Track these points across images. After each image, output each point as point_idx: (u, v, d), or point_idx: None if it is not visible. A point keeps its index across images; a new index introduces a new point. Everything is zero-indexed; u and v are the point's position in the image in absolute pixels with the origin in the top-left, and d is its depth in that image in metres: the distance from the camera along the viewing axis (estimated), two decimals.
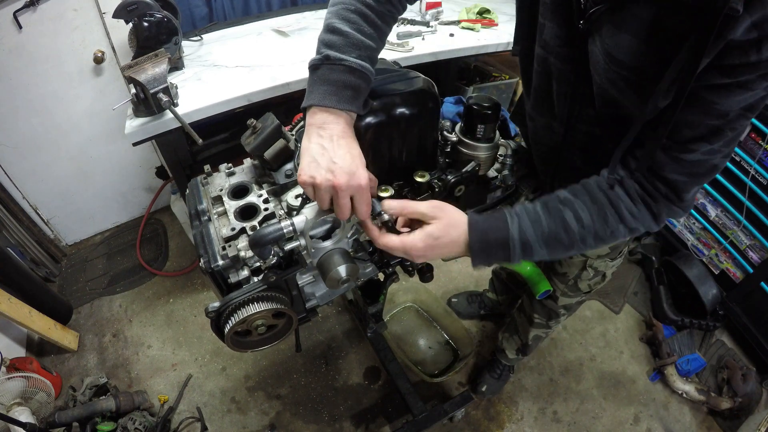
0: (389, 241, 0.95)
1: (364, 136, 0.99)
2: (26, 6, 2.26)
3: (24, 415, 2.07)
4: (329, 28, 0.98)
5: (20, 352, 2.51)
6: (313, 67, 0.97)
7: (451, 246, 0.95)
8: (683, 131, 0.85)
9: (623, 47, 0.86)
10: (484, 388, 2.37)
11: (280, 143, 1.11)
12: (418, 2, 2.72)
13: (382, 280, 1.31)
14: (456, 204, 0.98)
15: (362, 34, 0.97)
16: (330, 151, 0.89)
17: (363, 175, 0.90)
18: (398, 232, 0.96)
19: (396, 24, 2.55)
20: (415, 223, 0.97)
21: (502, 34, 2.55)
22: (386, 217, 0.94)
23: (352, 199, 0.91)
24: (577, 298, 1.72)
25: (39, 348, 2.64)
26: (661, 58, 0.80)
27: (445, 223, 0.93)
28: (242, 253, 0.98)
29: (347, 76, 0.93)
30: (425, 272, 1.28)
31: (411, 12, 2.81)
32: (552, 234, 0.94)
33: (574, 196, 0.97)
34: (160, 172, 3.08)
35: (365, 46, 0.96)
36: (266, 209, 1.08)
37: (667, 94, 0.82)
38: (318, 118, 0.92)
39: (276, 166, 1.13)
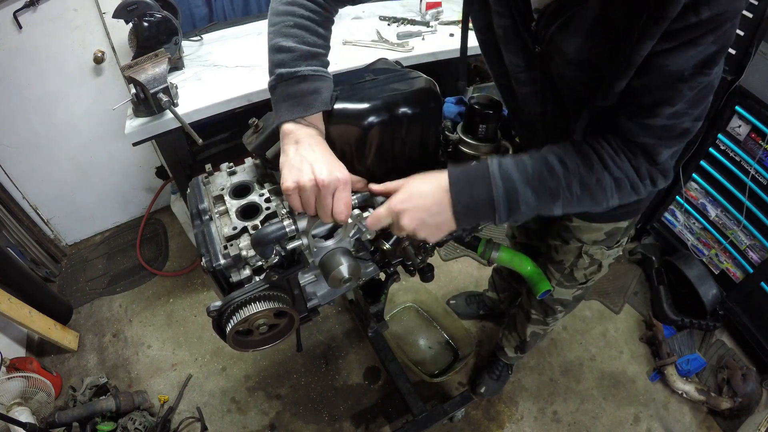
0: (376, 213, 0.98)
1: (366, 135, 0.99)
2: (26, 6, 2.26)
3: (24, 415, 2.08)
4: (275, 48, 0.99)
5: (20, 352, 2.51)
6: (271, 89, 0.99)
7: (431, 194, 0.95)
8: (643, 98, 0.88)
9: (580, 49, 0.91)
10: (482, 390, 2.36)
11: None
12: (418, 2, 2.73)
13: (383, 279, 1.31)
14: None
15: (307, 45, 0.99)
16: (308, 157, 0.92)
17: (344, 172, 0.94)
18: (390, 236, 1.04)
19: (396, 24, 2.59)
20: None
21: None
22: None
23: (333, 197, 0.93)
24: (573, 290, 1.72)
25: (39, 348, 2.64)
26: (616, 47, 0.84)
27: (412, 181, 0.97)
28: (244, 253, 0.98)
29: (304, 84, 0.96)
30: (426, 272, 1.29)
31: (411, 12, 2.81)
32: (536, 174, 0.93)
33: (558, 147, 0.98)
34: (160, 172, 3.08)
35: (312, 54, 0.99)
36: (268, 208, 1.07)
37: (624, 75, 0.87)
38: (291, 133, 0.96)
39: (277, 165, 1.13)
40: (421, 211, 0.95)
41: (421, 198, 0.94)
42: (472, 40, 1.37)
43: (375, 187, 1.02)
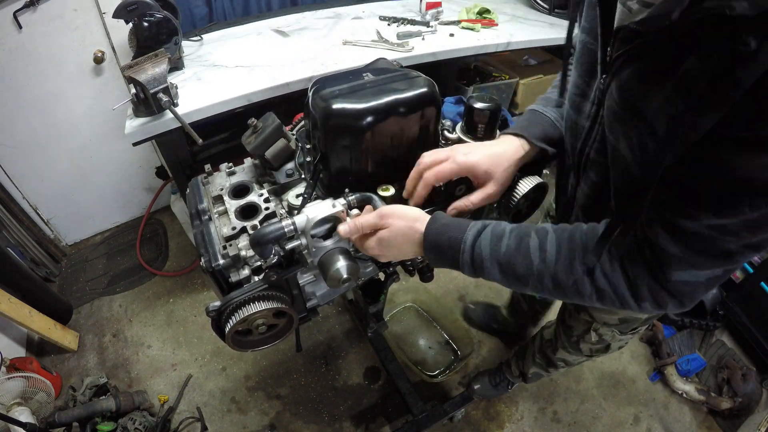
0: (352, 238, 1.00)
1: (364, 135, 0.99)
2: (26, 6, 2.26)
3: (24, 415, 2.08)
4: None
5: (20, 352, 2.51)
6: None
7: (406, 245, 0.96)
8: (684, 188, 0.69)
9: (631, 91, 0.76)
10: (477, 387, 2.35)
11: (280, 143, 1.11)
12: (418, 2, 2.73)
13: (382, 279, 1.31)
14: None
15: None
16: None
17: None
18: None
19: (396, 24, 2.59)
20: None
21: (502, 34, 2.55)
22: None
23: None
24: (575, 356, 1.64)
25: (39, 348, 2.64)
26: (678, 111, 0.66)
27: (396, 225, 0.95)
28: (243, 253, 0.98)
29: None
30: (425, 272, 1.29)
31: (411, 12, 2.81)
32: (508, 255, 0.86)
33: (554, 228, 0.87)
34: (160, 172, 3.08)
35: None
36: (267, 208, 1.08)
37: (673, 150, 0.67)
38: None
39: (277, 166, 1.14)
40: (395, 256, 1.01)
41: (395, 248, 0.98)
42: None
43: (342, 230, 1.00)
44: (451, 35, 2.51)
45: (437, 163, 1.00)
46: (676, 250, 0.72)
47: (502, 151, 1.02)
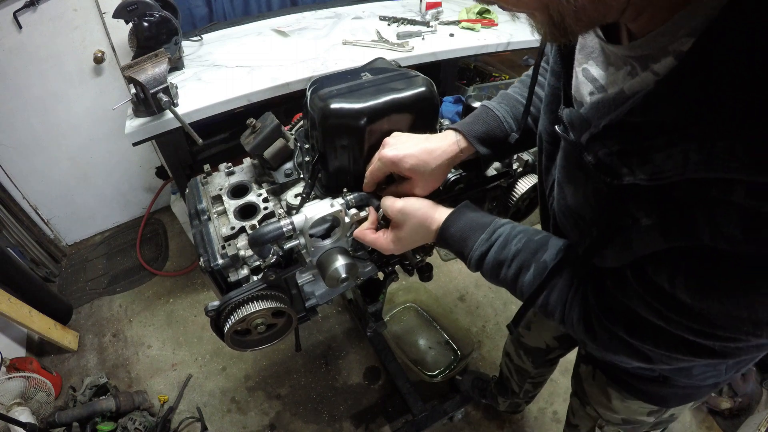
0: (364, 235, 1.00)
1: (363, 135, 0.99)
2: (26, 6, 2.26)
3: (24, 415, 2.08)
4: None
5: (20, 352, 2.51)
6: None
7: (421, 240, 0.98)
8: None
9: (570, 176, 0.81)
10: (460, 378, 2.34)
11: (279, 143, 1.11)
12: (418, 2, 2.73)
13: (381, 279, 1.31)
14: (456, 202, 0.98)
15: None
16: None
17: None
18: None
19: (396, 24, 2.59)
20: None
21: (502, 34, 2.55)
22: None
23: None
24: None
25: (39, 348, 2.64)
26: (597, 215, 0.74)
27: (410, 225, 0.95)
28: (242, 252, 0.98)
29: None
30: (424, 271, 1.28)
31: (411, 12, 2.81)
32: (506, 283, 0.89)
33: (553, 266, 0.83)
34: (160, 172, 3.08)
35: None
36: (266, 208, 1.08)
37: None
38: None
39: (275, 166, 1.14)
40: (409, 248, 1.01)
41: (409, 244, 0.99)
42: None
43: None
44: (451, 35, 2.51)
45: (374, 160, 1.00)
46: (598, 301, 0.76)
47: (434, 147, 0.98)
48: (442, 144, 0.99)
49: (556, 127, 0.76)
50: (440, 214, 0.94)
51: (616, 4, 0.54)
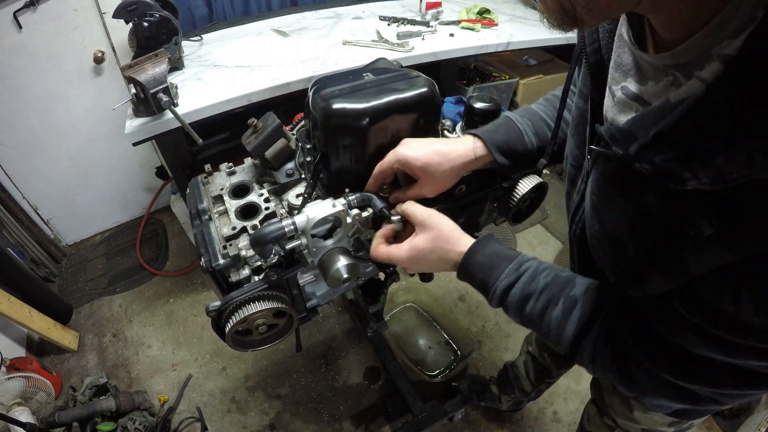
0: (377, 252, 0.98)
1: (365, 135, 0.99)
2: (26, 6, 2.26)
3: (24, 415, 2.08)
4: None
5: (20, 352, 2.51)
6: None
7: (438, 263, 0.94)
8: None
9: (605, 200, 0.78)
10: (459, 387, 2.33)
11: (280, 143, 1.11)
12: (418, 2, 2.73)
13: (382, 279, 1.31)
14: (456, 202, 0.98)
15: None
16: None
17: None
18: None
19: (396, 24, 2.59)
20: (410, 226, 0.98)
21: (502, 34, 2.55)
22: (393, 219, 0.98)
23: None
24: None
25: (39, 348, 2.64)
26: (640, 236, 0.70)
27: (434, 236, 0.92)
28: (243, 252, 0.98)
29: None
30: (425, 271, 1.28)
31: (411, 12, 2.81)
32: (531, 320, 0.86)
33: (583, 301, 0.81)
34: (160, 172, 3.08)
35: None
36: (267, 208, 1.08)
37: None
38: None
39: (277, 166, 1.14)
40: (423, 269, 0.99)
41: (425, 263, 0.95)
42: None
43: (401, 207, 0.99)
44: (451, 35, 2.51)
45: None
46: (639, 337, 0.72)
47: (449, 150, 0.97)
48: (458, 147, 0.99)
49: (593, 146, 0.74)
50: (466, 239, 0.92)
51: None
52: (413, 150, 0.95)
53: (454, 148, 0.98)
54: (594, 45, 0.78)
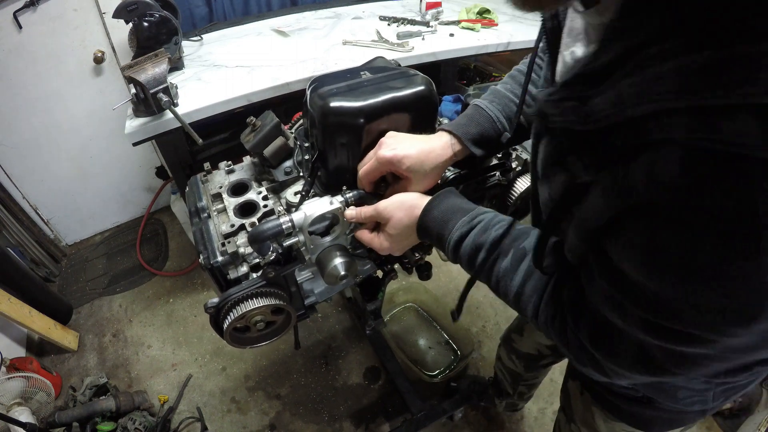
0: (362, 235, 1.01)
1: (362, 133, 0.99)
2: (26, 6, 2.27)
3: (24, 415, 2.08)
4: None
5: (20, 352, 2.51)
6: None
7: (411, 239, 0.97)
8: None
9: (549, 167, 0.76)
10: (455, 385, 2.33)
11: (279, 141, 1.12)
12: (418, 2, 2.73)
13: (380, 277, 1.31)
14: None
15: None
16: None
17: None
18: None
19: (396, 24, 2.59)
20: None
21: (502, 34, 2.55)
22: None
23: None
24: None
25: (39, 348, 2.64)
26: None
27: (397, 216, 0.94)
28: (241, 250, 0.98)
29: None
30: (423, 270, 1.29)
31: (411, 12, 2.82)
32: (480, 271, 0.86)
33: (533, 253, 0.77)
34: (160, 172, 3.08)
35: None
36: (265, 206, 1.08)
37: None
38: None
39: (275, 164, 1.14)
40: (405, 246, 1.01)
41: (403, 240, 0.98)
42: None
43: (349, 214, 1.00)
44: (451, 35, 2.51)
45: (368, 159, 1.00)
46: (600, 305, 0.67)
47: (430, 148, 0.98)
48: (436, 147, 0.99)
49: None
50: (423, 200, 0.94)
51: None
52: (398, 151, 0.95)
53: (433, 147, 0.99)
54: (552, 10, 0.78)
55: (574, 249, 0.67)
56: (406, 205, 0.94)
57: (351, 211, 0.98)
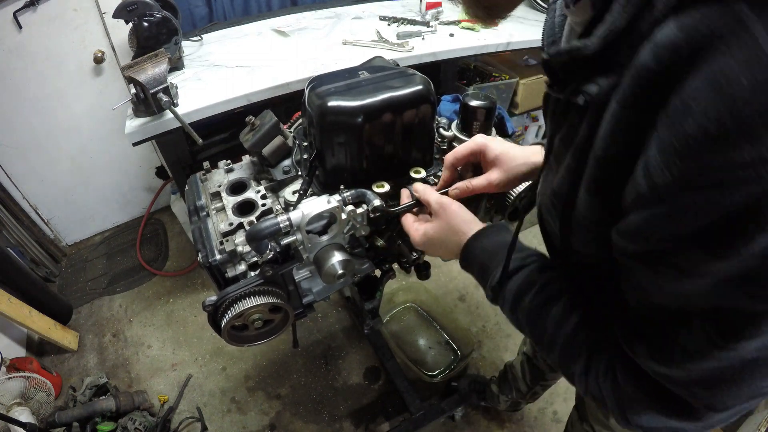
0: (406, 218, 1.01)
1: (361, 133, 0.99)
2: (26, 6, 2.27)
3: (24, 415, 2.08)
4: None
5: (20, 352, 2.51)
6: None
7: (445, 251, 0.96)
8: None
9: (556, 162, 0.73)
10: (455, 384, 2.32)
11: (278, 140, 1.12)
12: (418, 2, 2.73)
13: (378, 276, 1.31)
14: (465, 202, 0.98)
15: None
16: None
17: None
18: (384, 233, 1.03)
19: (396, 24, 2.59)
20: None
21: (502, 34, 2.55)
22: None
23: None
24: None
25: (39, 348, 2.64)
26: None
27: (442, 226, 0.93)
28: (240, 248, 0.99)
29: None
30: (422, 269, 1.28)
31: (411, 12, 2.82)
32: (525, 315, 0.80)
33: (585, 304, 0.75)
34: (160, 172, 3.09)
35: None
36: (264, 205, 1.09)
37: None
38: None
39: (274, 163, 1.14)
40: (433, 254, 1.01)
41: (434, 249, 0.97)
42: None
43: (416, 187, 1.01)
44: (451, 35, 2.51)
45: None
46: (629, 389, 0.64)
47: (521, 149, 0.99)
48: (529, 149, 1.00)
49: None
50: (476, 225, 0.91)
51: None
52: (492, 141, 0.98)
53: (526, 148, 0.99)
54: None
55: (587, 239, 0.66)
56: (459, 218, 0.92)
57: (420, 186, 1.00)
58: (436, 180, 1.16)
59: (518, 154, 0.98)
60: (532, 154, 0.98)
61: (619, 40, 0.50)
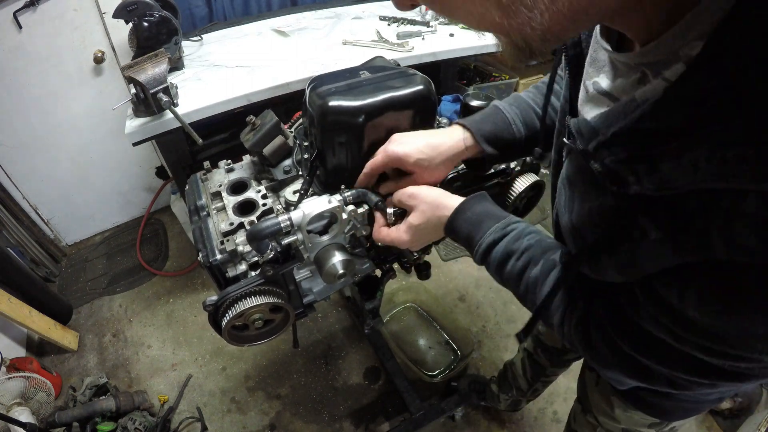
0: (379, 233, 1.01)
1: (361, 133, 0.99)
2: (26, 6, 2.27)
3: (24, 415, 2.08)
4: None
5: (20, 352, 2.51)
6: None
7: (433, 232, 0.98)
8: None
9: (573, 196, 0.77)
10: (455, 384, 2.32)
11: (278, 140, 1.12)
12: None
13: (379, 276, 1.31)
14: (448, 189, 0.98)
15: None
16: None
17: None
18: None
19: (396, 24, 2.59)
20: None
21: None
22: (387, 210, 1.01)
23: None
24: None
25: (39, 348, 2.64)
26: (599, 232, 0.69)
27: (422, 209, 0.95)
28: (240, 248, 0.98)
29: None
30: (422, 269, 1.29)
31: (411, 12, 2.81)
32: (508, 278, 0.88)
33: (562, 264, 0.83)
34: (160, 172, 3.09)
35: None
36: (264, 204, 1.08)
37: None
38: None
39: (275, 163, 1.14)
40: (427, 241, 1.03)
41: (426, 235, 0.99)
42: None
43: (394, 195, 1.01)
44: (451, 35, 2.51)
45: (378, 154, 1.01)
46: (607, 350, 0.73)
47: (439, 142, 0.99)
48: (447, 140, 1.00)
49: (564, 139, 0.74)
50: (454, 200, 0.94)
51: (587, 18, 0.52)
52: (404, 146, 0.97)
53: (443, 141, 0.99)
54: (574, 38, 0.78)
55: (610, 278, 0.68)
56: (433, 198, 0.95)
57: (391, 184, 1.01)
58: None
59: (437, 151, 0.99)
60: (447, 142, 1.00)
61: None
